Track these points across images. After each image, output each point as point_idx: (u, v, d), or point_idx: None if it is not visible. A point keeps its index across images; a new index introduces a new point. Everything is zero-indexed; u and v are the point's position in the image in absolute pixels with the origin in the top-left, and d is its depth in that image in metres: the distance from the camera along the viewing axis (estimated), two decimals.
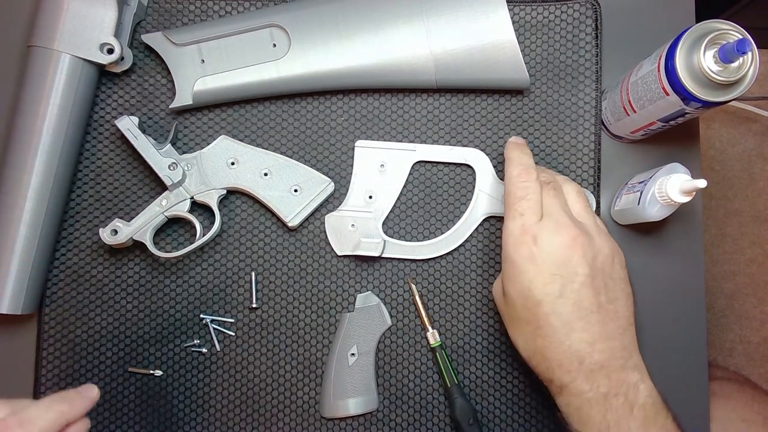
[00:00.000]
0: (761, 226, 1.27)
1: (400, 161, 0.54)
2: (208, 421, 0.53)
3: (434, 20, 0.51)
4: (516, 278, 0.43)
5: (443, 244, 0.54)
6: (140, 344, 0.53)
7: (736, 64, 0.42)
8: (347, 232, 0.53)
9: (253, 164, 0.53)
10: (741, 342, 1.25)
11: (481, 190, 0.54)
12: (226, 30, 0.52)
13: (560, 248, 0.42)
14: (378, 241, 0.53)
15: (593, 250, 0.43)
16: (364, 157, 0.54)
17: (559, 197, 0.45)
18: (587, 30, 0.55)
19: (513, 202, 0.44)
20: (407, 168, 0.54)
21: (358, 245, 0.53)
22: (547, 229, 0.43)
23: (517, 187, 0.45)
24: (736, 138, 1.29)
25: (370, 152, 0.54)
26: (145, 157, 0.51)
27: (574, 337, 0.42)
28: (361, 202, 0.54)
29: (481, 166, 0.54)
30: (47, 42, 0.50)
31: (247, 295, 0.54)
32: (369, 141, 0.54)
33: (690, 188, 0.45)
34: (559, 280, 0.42)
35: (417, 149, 0.54)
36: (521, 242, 0.43)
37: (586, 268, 0.42)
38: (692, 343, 0.54)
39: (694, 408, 0.53)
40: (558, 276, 0.42)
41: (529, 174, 0.45)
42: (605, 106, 0.54)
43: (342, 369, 0.52)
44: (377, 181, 0.54)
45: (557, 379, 0.42)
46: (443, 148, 0.54)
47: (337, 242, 0.54)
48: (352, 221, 0.53)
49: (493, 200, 0.54)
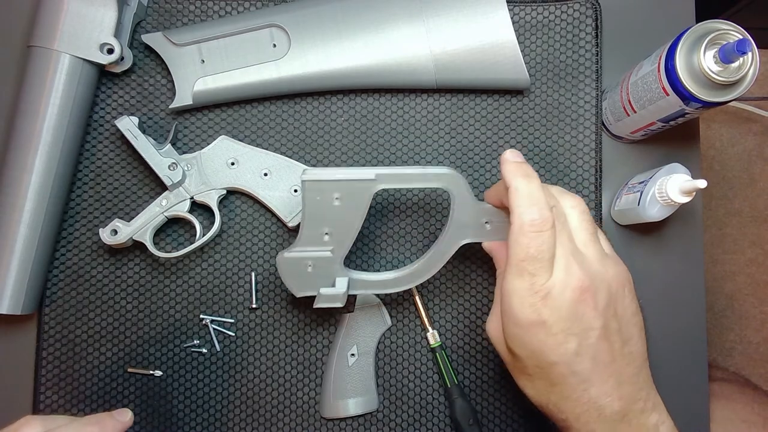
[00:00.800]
0: (761, 226, 1.27)
1: (358, 192, 0.44)
2: (208, 421, 0.53)
3: (434, 20, 0.51)
4: (524, 341, 0.39)
5: (415, 275, 0.47)
6: (140, 344, 0.53)
7: (736, 65, 0.42)
8: (305, 274, 0.46)
9: (253, 164, 0.53)
10: (741, 342, 1.25)
11: (457, 219, 0.46)
12: (226, 30, 0.52)
13: (571, 304, 0.38)
14: (339, 292, 0.46)
15: (605, 295, 0.39)
16: (314, 190, 0.44)
17: (564, 230, 0.39)
18: (587, 30, 0.55)
19: (522, 258, 0.37)
20: (368, 199, 0.45)
21: (318, 297, 0.46)
22: (558, 285, 0.38)
23: (530, 240, 0.37)
24: (736, 138, 1.29)
25: (320, 185, 0.44)
26: (145, 157, 0.51)
27: (593, 391, 0.38)
28: (317, 241, 0.46)
29: (456, 191, 0.45)
30: (47, 42, 0.50)
31: (247, 295, 0.54)
32: (317, 170, 0.44)
33: (690, 188, 0.45)
34: (574, 339, 0.38)
35: (377, 177, 0.44)
36: (529, 304, 0.38)
37: (599, 320, 0.38)
38: (692, 343, 0.54)
39: (694, 409, 0.53)
40: (572, 335, 0.38)
41: (544, 221, 0.37)
42: (605, 107, 0.54)
43: (342, 369, 0.52)
44: (333, 215, 0.45)
45: (575, 430, 0.40)
46: (408, 170, 0.44)
47: (294, 284, 0.47)
48: (309, 261, 0.46)
49: (470, 229, 0.46)
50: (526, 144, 0.55)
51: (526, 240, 0.37)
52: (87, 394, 0.53)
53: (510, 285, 0.38)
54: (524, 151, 0.55)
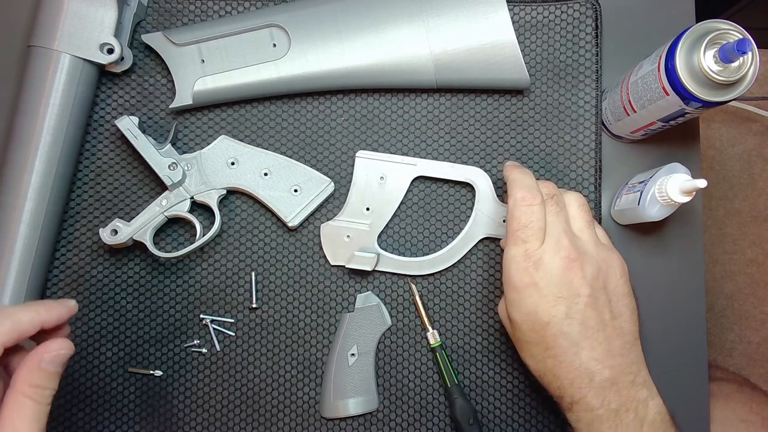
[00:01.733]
0: (761, 226, 1.27)
1: (401, 175, 0.53)
2: (208, 421, 0.53)
3: (434, 20, 0.51)
4: (520, 303, 0.43)
5: (437, 262, 0.53)
6: (140, 344, 0.53)
7: (736, 64, 0.42)
8: (342, 243, 0.53)
9: (253, 164, 0.53)
10: (741, 342, 1.25)
11: (479, 211, 0.53)
12: (226, 30, 0.52)
13: (560, 271, 0.43)
14: (371, 256, 0.52)
15: (593, 269, 0.43)
16: (364, 168, 0.53)
17: (561, 214, 0.45)
18: (587, 30, 0.55)
19: (516, 228, 0.44)
20: (407, 182, 0.53)
21: (351, 258, 0.52)
22: (548, 253, 0.43)
23: (521, 212, 0.44)
24: (736, 138, 1.29)
25: (370, 164, 0.53)
26: (145, 157, 0.51)
27: (584, 355, 0.42)
28: (359, 214, 0.53)
29: (482, 185, 0.53)
30: (47, 42, 0.50)
31: (247, 295, 0.54)
32: (370, 152, 0.54)
33: (690, 188, 0.45)
34: (563, 302, 0.42)
35: (418, 164, 0.53)
36: (523, 268, 0.43)
37: (587, 288, 0.43)
38: (692, 343, 0.54)
39: (694, 408, 0.53)
40: (562, 298, 0.42)
41: (533, 197, 0.44)
42: (605, 106, 0.54)
43: (342, 369, 0.52)
44: (376, 193, 0.53)
45: (568, 395, 0.43)
46: (444, 164, 0.53)
47: (331, 252, 0.53)
48: (348, 232, 0.53)
49: (491, 221, 0.53)
50: (526, 144, 0.55)
51: (518, 213, 0.44)
52: (87, 394, 0.53)
53: (508, 253, 0.44)
54: (524, 151, 0.55)
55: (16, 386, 0.34)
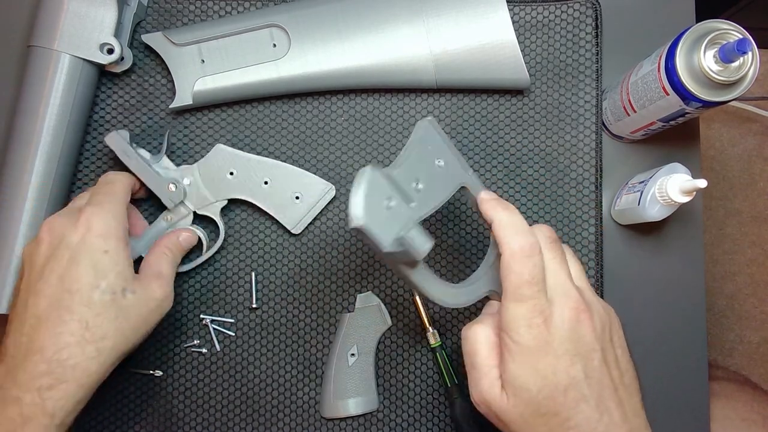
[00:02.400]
0: (761, 226, 1.27)
1: (452, 172, 0.43)
2: (208, 421, 0.53)
3: (434, 20, 0.51)
4: (534, 366, 0.37)
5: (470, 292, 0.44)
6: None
7: (736, 64, 0.42)
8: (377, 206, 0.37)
9: (253, 173, 0.52)
10: (741, 342, 1.25)
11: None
12: (226, 30, 0.52)
13: (571, 325, 0.38)
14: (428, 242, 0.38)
15: (601, 322, 0.39)
16: (428, 138, 0.42)
17: (564, 261, 0.40)
18: (587, 30, 0.55)
19: (519, 284, 0.37)
20: (456, 185, 0.43)
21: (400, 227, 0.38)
22: (558, 307, 0.38)
23: (523, 265, 0.37)
24: (736, 138, 1.29)
25: (435, 137, 0.43)
26: (143, 179, 0.50)
27: (605, 420, 0.37)
28: (408, 185, 0.40)
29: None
30: (47, 42, 0.50)
31: (247, 296, 0.54)
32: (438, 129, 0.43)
33: (690, 188, 0.45)
34: (580, 360, 0.37)
35: (471, 175, 0.44)
36: (533, 326, 0.37)
37: (598, 342, 0.38)
38: (692, 343, 0.54)
39: (694, 408, 0.53)
40: (578, 356, 0.37)
41: (533, 246, 0.38)
42: (605, 106, 0.54)
43: (342, 369, 0.52)
44: (431, 173, 0.42)
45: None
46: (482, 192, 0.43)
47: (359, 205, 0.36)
48: (394, 195, 0.38)
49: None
50: (526, 144, 0.55)
51: (519, 267, 0.37)
52: None
53: (512, 313, 0.38)
54: (524, 151, 0.55)
55: (162, 243, 0.50)
